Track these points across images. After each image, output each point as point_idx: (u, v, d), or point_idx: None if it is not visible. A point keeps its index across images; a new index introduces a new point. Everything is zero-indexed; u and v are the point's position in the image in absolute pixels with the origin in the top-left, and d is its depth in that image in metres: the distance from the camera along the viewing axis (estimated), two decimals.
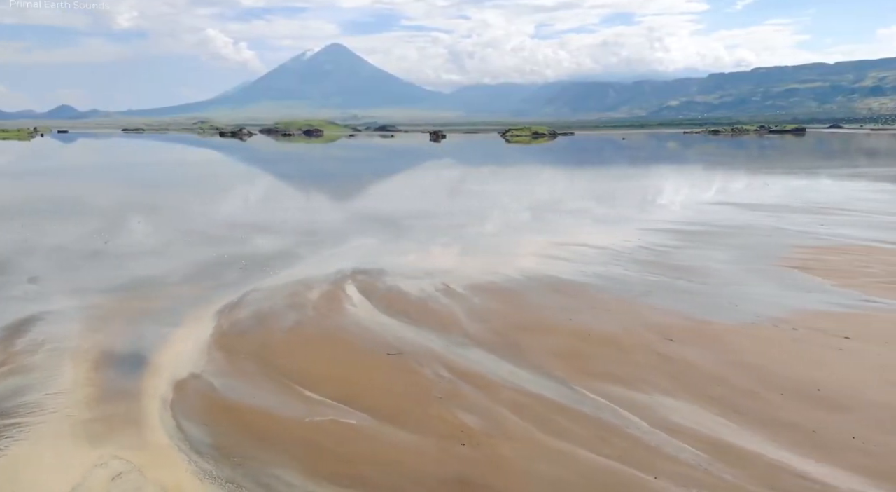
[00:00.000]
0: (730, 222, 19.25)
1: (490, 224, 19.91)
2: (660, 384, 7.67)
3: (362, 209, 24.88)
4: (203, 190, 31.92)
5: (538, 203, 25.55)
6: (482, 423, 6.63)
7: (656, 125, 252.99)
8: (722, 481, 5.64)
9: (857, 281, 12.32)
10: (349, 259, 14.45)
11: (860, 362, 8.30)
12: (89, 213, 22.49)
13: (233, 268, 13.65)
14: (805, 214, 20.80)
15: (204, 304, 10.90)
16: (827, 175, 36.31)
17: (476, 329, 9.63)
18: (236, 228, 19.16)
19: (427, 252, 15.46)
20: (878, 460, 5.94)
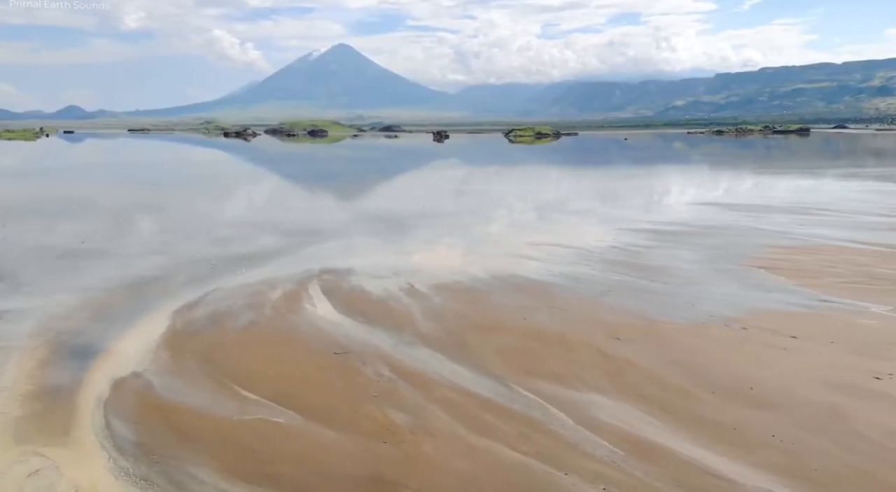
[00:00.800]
0: (708, 223, 19.26)
1: (470, 223, 19.98)
2: (596, 382, 7.73)
3: (346, 208, 25.00)
4: (194, 190, 32.07)
5: (523, 203, 25.62)
6: (410, 421, 6.71)
7: (662, 125, 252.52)
8: (631, 477, 5.70)
9: (819, 281, 12.34)
10: (322, 258, 14.58)
11: (800, 362, 8.36)
12: (74, 212, 22.64)
13: (203, 267, 13.76)
14: (787, 214, 20.80)
15: (164, 303, 11.00)
16: (821, 175, 36.31)
17: (429, 328, 9.69)
18: (217, 227, 19.29)
19: (401, 251, 15.56)
20: (792, 458, 6.00)
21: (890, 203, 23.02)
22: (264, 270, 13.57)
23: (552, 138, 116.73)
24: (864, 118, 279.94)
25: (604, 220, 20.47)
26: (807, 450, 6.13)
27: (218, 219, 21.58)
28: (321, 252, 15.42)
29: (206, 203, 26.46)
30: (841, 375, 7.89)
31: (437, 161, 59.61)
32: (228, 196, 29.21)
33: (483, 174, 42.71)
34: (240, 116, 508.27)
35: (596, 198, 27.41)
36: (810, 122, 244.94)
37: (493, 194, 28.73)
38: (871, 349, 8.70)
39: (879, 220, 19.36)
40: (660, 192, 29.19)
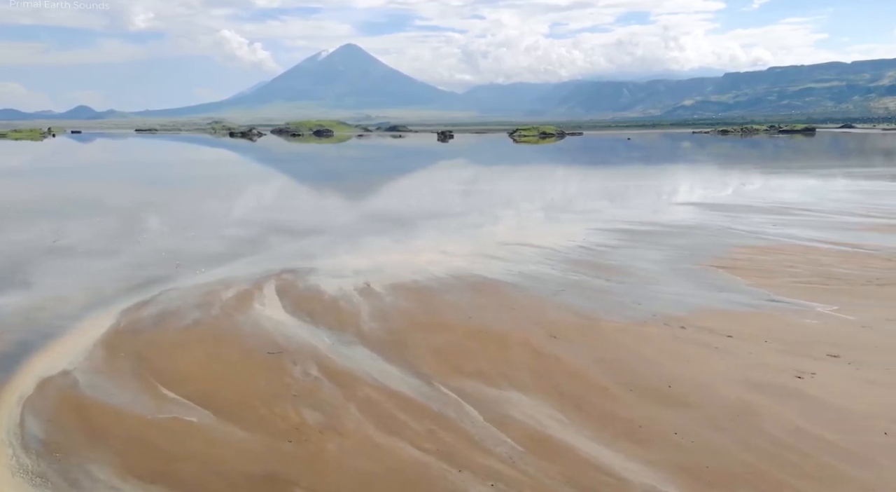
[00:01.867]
0: (683, 222, 19.29)
1: (446, 223, 20.06)
2: (519, 380, 7.80)
3: (326, 207, 25.14)
4: (183, 188, 32.27)
5: (505, 202, 25.67)
6: (322, 420, 6.78)
7: (668, 125, 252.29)
8: (524, 474, 5.77)
9: (773, 281, 12.38)
10: (289, 257, 14.75)
11: (728, 361, 8.40)
12: (56, 211, 22.80)
13: (168, 265, 13.87)
14: (765, 214, 20.82)
15: (116, 302, 11.12)
16: (813, 175, 36.29)
17: (371, 328, 9.78)
18: (194, 226, 19.47)
19: (369, 251, 15.70)
20: (688, 455, 6.06)
21: (874, 203, 23.00)
22: (227, 268, 13.66)
23: (556, 138, 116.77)
24: (873, 118, 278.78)
25: (581, 219, 20.51)
26: (705, 448, 6.18)
27: (197, 217, 21.75)
28: (291, 251, 15.56)
29: (191, 201, 26.62)
30: (764, 374, 7.93)
31: (435, 161, 59.78)
32: (215, 194, 29.37)
33: (476, 174, 42.81)
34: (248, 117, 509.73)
35: (579, 197, 27.49)
36: (818, 121, 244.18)
37: (479, 194, 28.84)
38: (802, 349, 8.74)
39: (857, 220, 19.35)
40: (645, 192, 29.21)
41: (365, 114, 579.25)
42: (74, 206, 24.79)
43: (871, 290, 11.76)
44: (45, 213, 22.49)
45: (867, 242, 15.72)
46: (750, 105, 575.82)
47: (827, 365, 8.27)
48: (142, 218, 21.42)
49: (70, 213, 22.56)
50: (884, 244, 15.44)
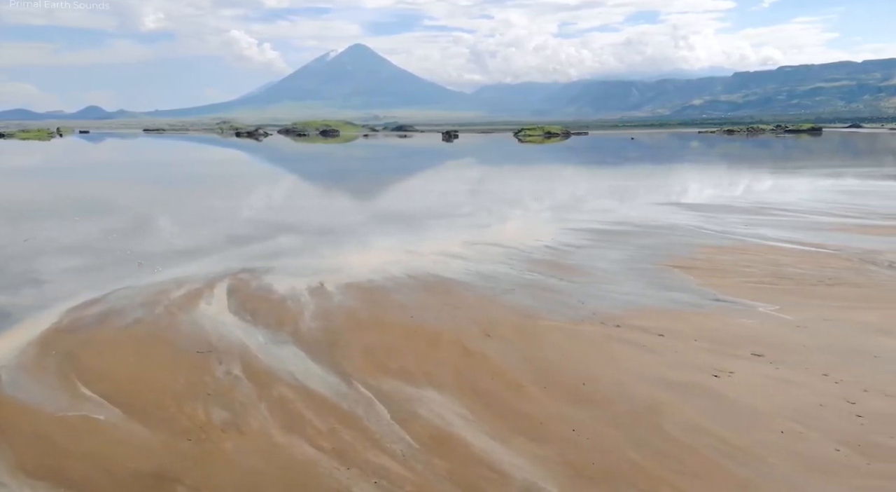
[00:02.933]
0: (656, 222, 19.32)
1: (421, 222, 20.19)
2: (440, 378, 7.88)
3: (307, 206, 25.19)
4: (169, 187, 32.43)
5: (487, 201, 25.74)
6: (228, 419, 6.86)
7: (676, 125, 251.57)
8: (410, 471, 5.86)
9: (724, 280, 12.42)
10: (253, 256, 14.91)
11: (651, 359, 8.47)
12: (33, 211, 22.94)
13: (129, 264, 14.02)
14: (741, 214, 20.83)
15: (65, 301, 11.21)
16: (804, 174, 36.28)
17: (310, 327, 9.86)
18: (168, 224, 19.63)
19: (335, 249, 15.85)
20: (579, 452, 6.15)
21: (854, 203, 22.96)
22: (188, 267, 13.80)
23: (561, 138, 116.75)
24: (882, 117, 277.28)
25: (556, 218, 20.56)
26: (598, 445, 6.25)
27: (175, 215, 21.91)
28: (258, 250, 15.71)
29: (174, 200, 26.76)
30: (682, 372, 7.99)
31: (432, 161, 59.89)
32: (200, 194, 29.50)
33: (467, 174, 42.88)
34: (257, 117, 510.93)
35: (562, 197, 27.50)
36: (827, 121, 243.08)
37: (463, 193, 28.95)
38: (728, 348, 8.80)
39: (831, 220, 19.34)
40: (629, 191, 29.22)
41: (373, 114, 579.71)
42: (56, 205, 24.95)
43: (819, 290, 11.78)
44: (25, 212, 22.65)
45: (832, 243, 15.71)
46: (759, 105, 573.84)
47: (748, 364, 8.31)
48: (120, 216, 21.59)
49: (50, 212, 22.74)
50: (848, 245, 15.42)
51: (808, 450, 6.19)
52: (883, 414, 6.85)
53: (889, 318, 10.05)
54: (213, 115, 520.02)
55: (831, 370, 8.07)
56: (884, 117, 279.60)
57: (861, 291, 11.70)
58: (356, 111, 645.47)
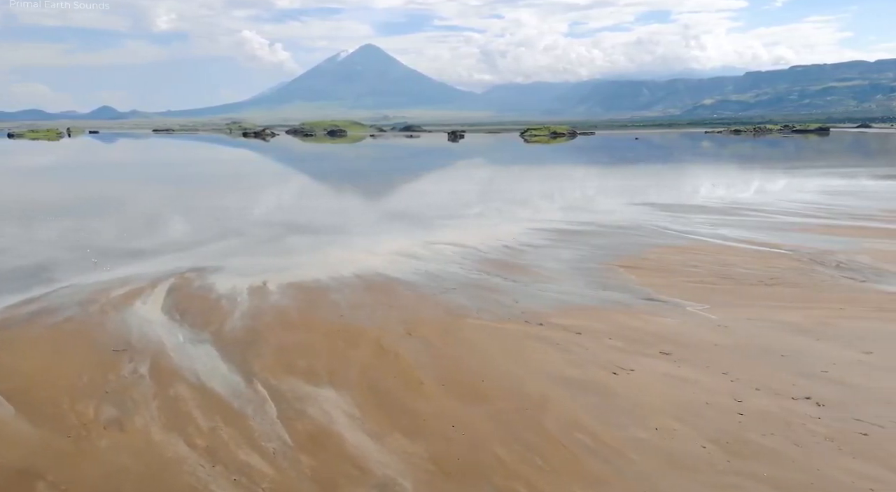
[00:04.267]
0: (622, 223, 19.35)
1: (390, 222, 20.33)
2: (342, 377, 7.98)
3: (282, 207, 25.32)
4: (154, 185, 32.65)
5: (465, 201, 25.86)
6: (114, 417, 6.96)
7: (685, 125, 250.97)
8: (275, 468, 5.96)
9: (665, 280, 12.48)
10: (206, 256, 15.08)
11: (559, 356, 8.56)
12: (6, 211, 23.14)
13: (83, 263, 14.18)
14: (712, 214, 20.85)
15: (3, 300, 11.30)
16: (792, 174, 36.36)
17: (234, 327, 9.96)
18: (139, 223, 19.82)
19: (293, 249, 16.04)
20: (449, 447, 6.24)
21: (830, 204, 22.97)
22: (140, 266, 13.94)
23: (567, 138, 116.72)
24: (894, 117, 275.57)
25: (526, 218, 20.63)
26: (471, 441, 6.34)
27: (148, 214, 22.08)
28: (216, 248, 15.93)
29: (154, 198, 26.93)
30: (584, 370, 8.06)
31: (430, 161, 60.09)
32: (184, 192, 29.67)
33: (457, 173, 43.07)
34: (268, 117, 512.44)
35: (541, 196, 27.57)
36: (838, 121, 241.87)
37: (442, 193, 29.12)
38: (640, 346, 8.88)
39: (798, 220, 19.35)
40: (610, 191, 29.31)
41: (383, 114, 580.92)
42: (33, 204, 25.15)
43: (756, 290, 11.82)
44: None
45: (789, 243, 15.73)
46: (770, 104, 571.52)
47: (652, 362, 8.38)
48: (94, 215, 21.82)
49: (24, 211, 22.91)
50: (805, 245, 15.45)
51: (674, 447, 6.24)
52: (764, 412, 6.89)
53: (812, 318, 10.07)
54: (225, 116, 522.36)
55: (732, 369, 8.11)
56: (895, 117, 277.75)
57: (797, 291, 11.72)
58: (367, 111, 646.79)
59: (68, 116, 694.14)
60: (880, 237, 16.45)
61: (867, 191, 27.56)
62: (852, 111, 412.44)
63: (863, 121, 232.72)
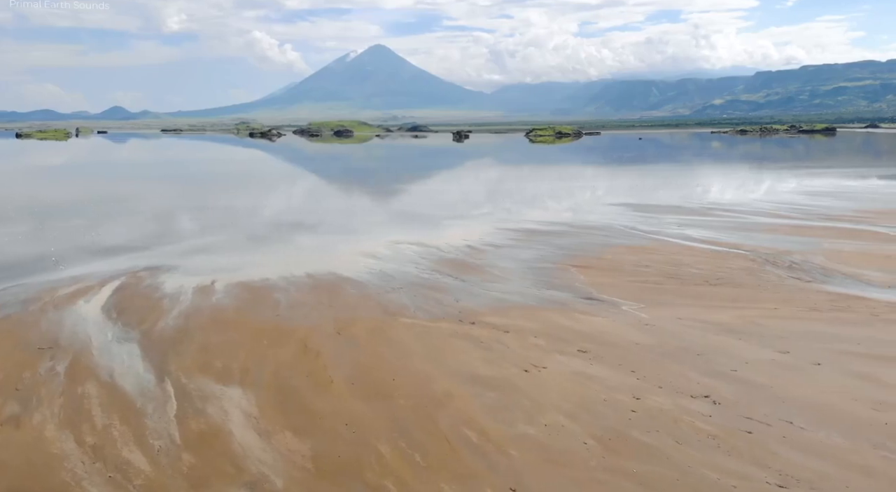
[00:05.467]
0: (592, 223, 19.39)
1: (362, 223, 20.45)
2: (254, 377, 8.05)
3: (258, 207, 25.35)
4: (141, 185, 32.81)
5: (443, 201, 26.07)
6: (16, 413, 7.04)
7: (693, 125, 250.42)
8: (153, 466, 6.02)
9: (612, 279, 12.53)
10: (163, 255, 15.19)
11: (478, 354, 8.63)
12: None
13: (45, 261, 14.31)
14: (685, 214, 20.86)
15: None
16: (781, 174, 36.46)
17: (165, 326, 10.04)
18: (110, 222, 19.94)
19: (253, 249, 16.16)
20: (333, 445, 6.33)
21: (806, 204, 22.97)
22: (97, 264, 14.10)
23: (573, 138, 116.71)
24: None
25: (499, 218, 20.69)
26: (359, 438, 6.42)
27: (126, 212, 22.27)
28: (180, 247, 16.15)
29: (137, 196, 27.10)
30: (498, 368, 8.12)
31: (427, 161, 60.23)
32: (169, 190, 29.82)
33: (449, 174, 43.11)
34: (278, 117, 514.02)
35: (523, 196, 27.65)
36: (848, 121, 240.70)
37: (427, 194, 29.37)
38: (561, 344, 8.97)
39: (768, 221, 19.34)
40: (592, 191, 29.34)
41: (392, 114, 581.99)
42: (12, 203, 25.32)
43: (699, 290, 11.85)
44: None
45: (749, 243, 15.75)
46: (781, 104, 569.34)
47: (567, 359, 8.43)
48: (71, 214, 21.99)
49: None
50: (765, 245, 15.49)
51: (555, 443, 6.29)
52: (657, 410, 6.94)
53: (743, 318, 10.09)
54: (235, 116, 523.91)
55: (642, 368, 8.15)
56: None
57: (738, 291, 11.74)
58: (376, 112, 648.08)
59: (80, 117, 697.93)
60: (844, 238, 16.41)
61: (849, 191, 27.46)
62: (863, 111, 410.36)
63: (872, 121, 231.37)
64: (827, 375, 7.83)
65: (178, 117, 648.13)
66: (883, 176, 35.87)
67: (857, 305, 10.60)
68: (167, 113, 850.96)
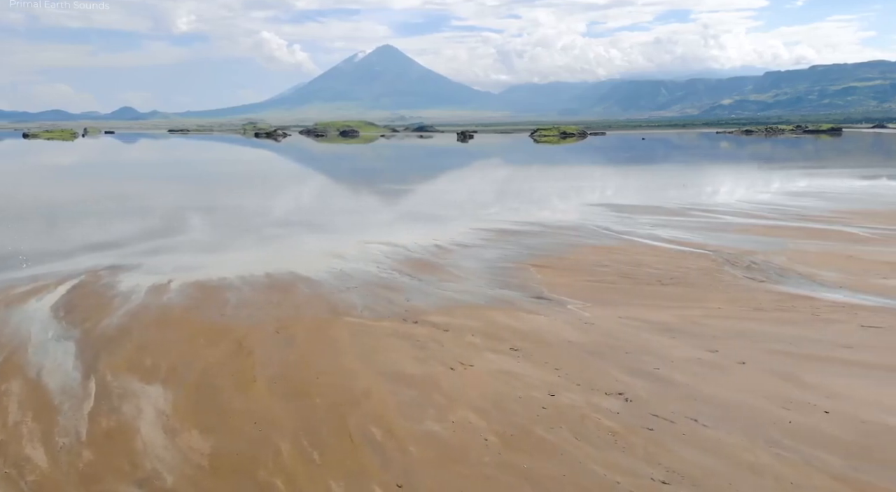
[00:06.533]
0: (565, 223, 19.43)
1: (340, 223, 20.53)
2: (179, 375, 8.10)
3: (239, 207, 25.42)
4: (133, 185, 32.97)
5: (428, 202, 26.27)
6: None
7: (700, 125, 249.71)
8: (51, 462, 6.09)
9: (567, 279, 12.56)
10: (135, 253, 15.36)
11: (409, 353, 8.71)
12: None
13: (14, 259, 14.36)
14: (661, 215, 20.87)
15: None
16: (769, 174, 36.42)
17: (108, 324, 10.13)
18: (89, 223, 20.12)
19: (220, 248, 16.29)
20: (235, 443, 6.41)
21: (787, 204, 22.96)
22: (60, 264, 14.22)
23: (577, 138, 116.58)
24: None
25: (474, 218, 20.73)
26: (263, 437, 6.47)
27: (108, 212, 22.37)
28: (146, 246, 16.22)
29: (126, 196, 27.22)
30: (426, 366, 8.21)
31: (428, 161, 60.35)
32: (152, 190, 29.91)
33: (442, 174, 43.24)
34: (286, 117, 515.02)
35: (507, 196, 27.77)
36: (857, 121, 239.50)
37: (414, 194, 29.49)
38: (495, 342, 9.04)
39: (743, 221, 19.33)
40: (575, 192, 29.27)
41: (400, 114, 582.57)
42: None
43: (650, 289, 11.87)
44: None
45: (717, 243, 15.76)
46: (790, 104, 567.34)
47: (496, 358, 8.47)
48: (50, 214, 22.11)
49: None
50: (731, 245, 15.53)
51: (457, 440, 6.33)
52: (567, 407, 6.98)
53: (684, 317, 10.11)
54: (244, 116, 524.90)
55: (567, 365, 8.18)
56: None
57: (688, 290, 11.75)
58: (384, 112, 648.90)
59: (90, 117, 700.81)
60: (812, 238, 16.40)
61: (833, 192, 27.39)
62: (872, 111, 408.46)
63: (881, 121, 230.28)
64: (748, 374, 7.83)
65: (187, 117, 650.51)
66: (873, 176, 35.71)
67: (802, 305, 10.57)
68: (176, 113, 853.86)
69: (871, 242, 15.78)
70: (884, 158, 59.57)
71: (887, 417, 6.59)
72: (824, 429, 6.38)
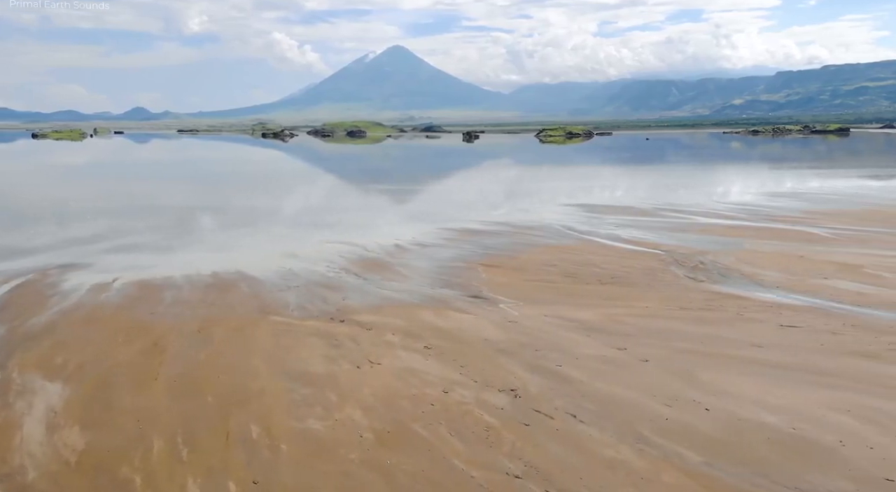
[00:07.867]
0: (533, 223, 19.40)
1: (308, 222, 20.62)
2: (83, 373, 8.14)
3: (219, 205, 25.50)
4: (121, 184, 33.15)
5: (406, 201, 26.34)
6: None
7: (710, 125, 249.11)
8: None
9: (511, 278, 12.62)
10: (93, 252, 15.47)
11: (323, 352, 8.73)
12: None
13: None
14: (630, 215, 20.86)
15: None
16: (761, 174, 36.47)
17: (37, 322, 10.20)
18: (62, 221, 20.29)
19: (178, 247, 16.39)
20: (109, 442, 6.43)
21: (761, 205, 22.98)
22: (13, 263, 14.22)
23: (583, 138, 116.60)
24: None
25: (444, 218, 20.73)
26: (139, 434, 6.55)
27: (86, 211, 22.56)
28: (105, 245, 16.24)
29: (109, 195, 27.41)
30: (333, 364, 8.26)
31: (427, 161, 60.45)
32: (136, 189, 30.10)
33: (433, 174, 43.30)
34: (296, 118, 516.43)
35: (486, 196, 27.86)
36: (868, 121, 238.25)
37: (396, 194, 29.48)
38: (411, 341, 9.06)
39: (710, 222, 19.32)
40: (557, 192, 29.18)
41: (410, 115, 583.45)
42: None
43: (587, 288, 11.90)
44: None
45: (673, 244, 15.77)
46: (801, 104, 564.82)
47: (406, 355, 8.51)
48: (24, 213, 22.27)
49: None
50: (686, 246, 15.58)
51: (332, 436, 6.37)
52: (454, 404, 7.01)
53: (608, 316, 10.13)
54: (254, 117, 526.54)
55: (472, 363, 8.21)
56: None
57: (624, 290, 11.77)
58: (394, 112, 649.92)
59: (102, 117, 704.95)
60: (771, 239, 16.39)
61: (813, 192, 27.32)
62: (884, 111, 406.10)
63: (891, 121, 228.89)
64: (646, 371, 7.83)
65: (199, 118, 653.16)
66: (862, 176, 35.55)
67: (730, 305, 10.56)
68: (188, 113, 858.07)
69: (828, 242, 15.70)
70: (884, 158, 59.12)
71: (765, 415, 6.58)
72: (697, 426, 6.37)
